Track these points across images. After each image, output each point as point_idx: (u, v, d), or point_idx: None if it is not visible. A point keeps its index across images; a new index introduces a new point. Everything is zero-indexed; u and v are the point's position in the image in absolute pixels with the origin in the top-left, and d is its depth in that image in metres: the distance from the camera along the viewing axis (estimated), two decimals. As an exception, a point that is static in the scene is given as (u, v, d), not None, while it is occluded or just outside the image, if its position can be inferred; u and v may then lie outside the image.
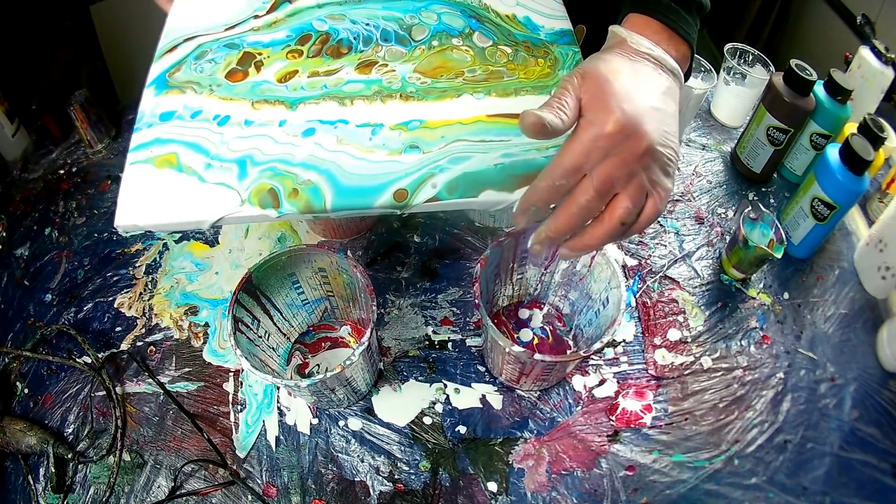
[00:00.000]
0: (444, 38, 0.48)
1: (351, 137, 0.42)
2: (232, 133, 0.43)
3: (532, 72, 0.46)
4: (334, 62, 0.47)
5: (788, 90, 0.62)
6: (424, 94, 0.45)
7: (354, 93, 0.45)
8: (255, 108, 0.44)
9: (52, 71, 0.82)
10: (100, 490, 0.50)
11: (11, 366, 0.59)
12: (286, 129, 0.43)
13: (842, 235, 0.66)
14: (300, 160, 0.41)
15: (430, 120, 0.43)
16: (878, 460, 0.51)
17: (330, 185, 0.40)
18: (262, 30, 0.49)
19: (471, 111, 0.44)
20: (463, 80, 0.46)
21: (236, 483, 0.50)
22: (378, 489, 0.50)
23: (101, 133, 0.77)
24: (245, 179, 0.41)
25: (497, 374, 0.55)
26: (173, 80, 0.46)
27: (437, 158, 0.41)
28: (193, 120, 0.44)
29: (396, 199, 0.40)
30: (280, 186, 0.40)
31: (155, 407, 0.55)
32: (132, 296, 0.62)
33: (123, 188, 0.41)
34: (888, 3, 0.99)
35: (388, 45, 0.48)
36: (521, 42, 0.48)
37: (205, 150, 0.42)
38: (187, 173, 0.41)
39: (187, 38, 0.49)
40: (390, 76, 0.46)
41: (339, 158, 0.41)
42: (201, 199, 0.40)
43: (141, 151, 0.42)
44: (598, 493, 0.49)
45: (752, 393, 0.54)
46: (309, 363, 0.57)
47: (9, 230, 0.70)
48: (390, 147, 0.42)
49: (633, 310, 0.60)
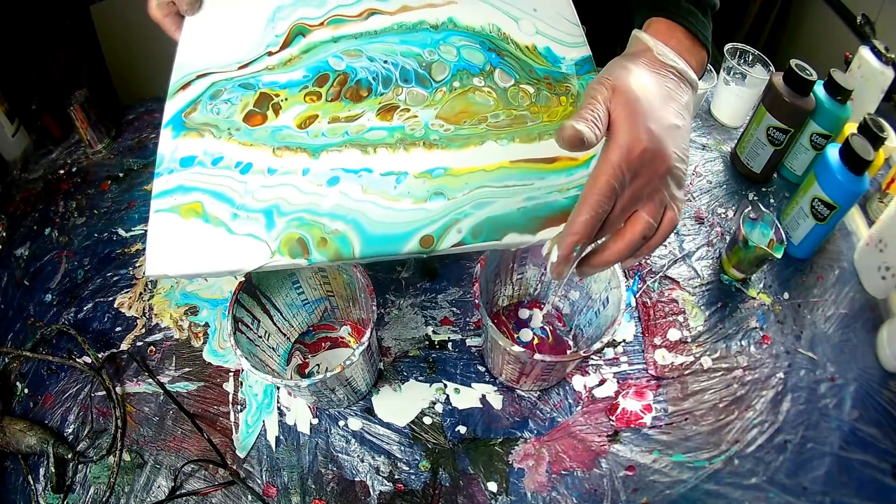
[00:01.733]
0: (466, 77, 0.47)
1: (375, 186, 0.42)
2: (256, 182, 0.42)
3: (555, 113, 0.45)
4: (355, 107, 0.45)
5: (788, 90, 0.62)
6: (448, 141, 0.44)
7: (377, 140, 0.44)
8: (276, 154, 0.43)
9: (52, 71, 0.82)
10: (100, 490, 0.50)
11: (11, 366, 0.59)
12: (310, 178, 0.42)
13: (842, 235, 0.66)
14: (326, 210, 0.41)
15: (455, 168, 0.43)
16: (878, 460, 0.51)
17: (357, 233, 0.40)
18: (277, 69, 0.47)
19: (494, 158, 0.43)
20: (486, 126, 0.45)
21: (236, 483, 0.50)
22: (378, 489, 0.50)
23: (101, 133, 0.77)
24: (273, 230, 0.41)
25: (497, 374, 0.55)
26: (190, 122, 0.45)
27: (461, 205, 0.41)
28: (215, 167, 0.43)
29: (422, 245, 0.40)
30: (308, 236, 0.40)
31: (155, 407, 0.55)
32: (132, 296, 0.62)
33: (151, 237, 0.41)
34: (888, 3, 0.99)
35: (408, 86, 0.47)
36: (542, 79, 0.47)
37: (229, 199, 0.42)
38: (214, 224, 0.41)
39: (200, 75, 0.47)
40: (413, 123, 0.45)
41: (365, 208, 0.41)
42: (231, 249, 0.40)
43: (165, 199, 0.42)
44: (598, 493, 0.49)
45: (752, 393, 0.54)
46: (309, 363, 0.57)
47: (9, 230, 0.70)
48: (415, 195, 0.42)
49: (633, 310, 0.60)
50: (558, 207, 0.41)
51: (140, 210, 0.70)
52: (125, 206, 0.71)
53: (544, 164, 0.43)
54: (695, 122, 0.79)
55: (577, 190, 0.41)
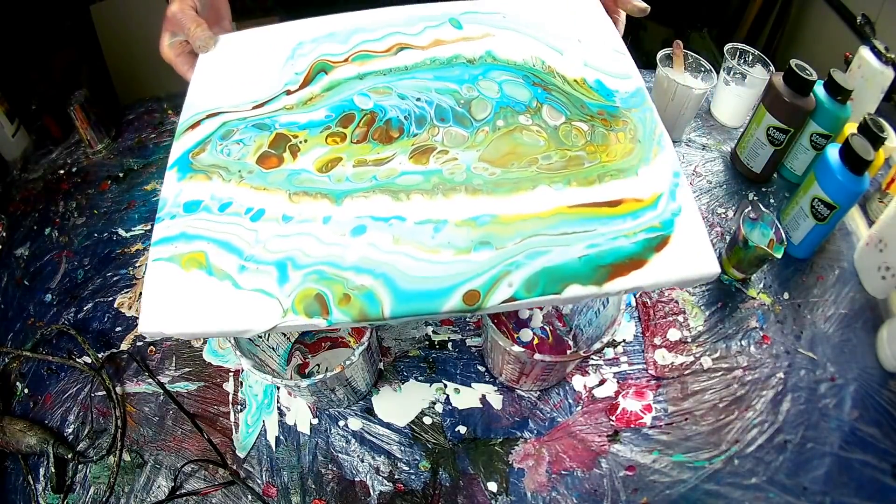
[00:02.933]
0: (510, 115, 0.42)
1: (410, 236, 0.37)
2: (268, 230, 0.38)
3: (614, 151, 0.41)
4: (384, 149, 0.41)
5: (788, 90, 0.62)
6: (494, 186, 0.39)
7: (411, 186, 0.39)
8: (293, 200, 0.39)
9: (52, 71, 0.82)
10: (100, 490, 0.50)
11: (11, 366, 0.59)
12: (332, 228, 0.37)
13: (842, 235, 0.66)
14: (351, 263, 0.36)
15: (503, 215, 0.37)
16: (878, 460, 0.51)
17: (388, 289, 0.35)
18: (297, 108, 0.43)
19: (549, 204, 0.38)
20: (537, 168, 0.40)
21: (236, 483, 0.50)
22: (378, 489, 0.50)
23: (101, 133, 0.77)
24: (286, 284, 0.36)
25: (497, 374, 0.55)
26: (197, 163, 0.41)
27: (512, 255, 0.36)
28: (223, 213, 0.39)
29: (466, 301, 0.35)
30: (328, 292, 0.35)
31: (155, 407, 0.55)
32: (132, 296, 0.62)
33: (147, 290, 0.36)
34: (888, 3, 0.99)
35: (445, 125, 0.42)
36: (596, 115, 0.42)
37: (237, 249, 0.37)
38: (218, 277, 0.36)
39: (210, 115, 0.44)
40: (452, 166, 0.40)
41: (397, 260, 0.36)
42: (237, 307, 0.35)
43: (164, 247, 0.38)
44: (598, 493, 0.49)
45: (752, 393, 0.54)
46: (309, 363, 0.57)
47: (9, 230, 0.70)
48: (457, 246, 0.36)
49: (633, 310, 0.60)
50: (626, 254, 0.36)
51: (140, 210, 0.70)
52: (125, 206, 0.71)
53: (607, 208, 0.38)
54: (695, 122, 0.79)
55: (646, 233, 0.37)
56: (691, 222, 0.37)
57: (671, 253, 0.36)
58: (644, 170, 0.39)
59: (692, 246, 0.36)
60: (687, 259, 0.36)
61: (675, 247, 0.36)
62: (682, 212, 0.38)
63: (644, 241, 0.36)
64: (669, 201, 0.38)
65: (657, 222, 0.37)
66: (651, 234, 0.37)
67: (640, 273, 0.35)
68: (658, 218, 0.37)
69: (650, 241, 0.36)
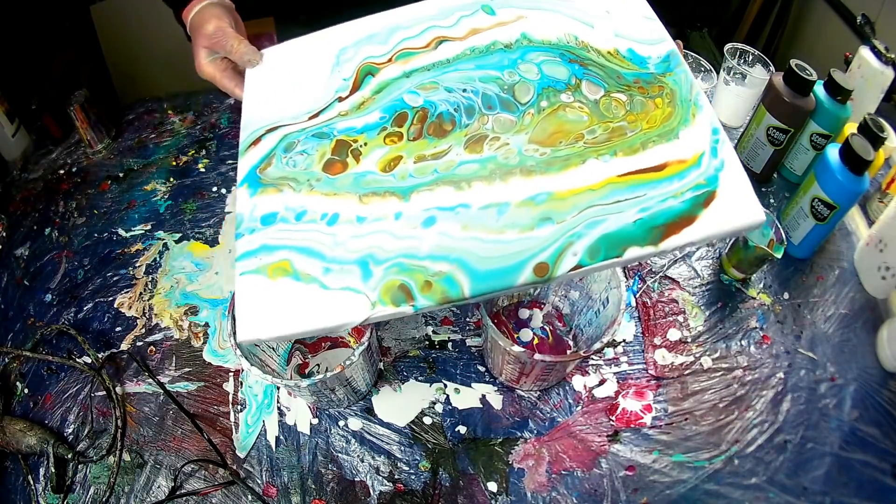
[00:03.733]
0: (553, 95, 0.44)
1: (476, 222, 0.39)
2: (345, 232, 0.40)
3: (654, 118, 0.43)
4: (440, 142, 0.43)
5: (788, 90, 0.62)
6: (546, 166, 0.41)
7: (470, 175, 0.41)
8: (363, 202, 0.41)
9: (52, 71, 0.82)
10: (100, 490, 0.50)
11: (11, 366, 0.59)
12: (404, 222, 0.40)
13: (842, 235, 0.66)
14: (427, 253, 0.39)
15: (558, 191, 0.40)
16: (878, 460, 0.51)
17: (464, 272, 0.38)
18: (351, 114, 0.45)
19: (599, 175, 0.40)
20: (584, 143, 0.42)
21: (236, 483, 0.50)
22: (378, 489, 0.50)
23: (101, 133, 0.77)
24: (370, 279, 0.38)
25: (497, 374, 0.55)
26: (266, 177, 0.43)
27: (572, 227, 0.39)
28: (299, 222, 0.41)
29: (537, 274, 0.37)
30: (411, 281, 0.38)
31: (155, 407, 0.55)
32: (132, 296, 0.62)
33: (239, 302, 0.39)
34: (888, 3, 0.99)
35: (493, 113, 0.44)
36: (633, 84, 0.44)
37: (319, 254, 0.39)
38: (305, 281, 0.39)
39: (270, 129, 0.45)
40: (505, 151, 0.42)
41: (469, 245, 0.39)
42: (328, 305, 0.38)
43: (249, 260, 0.40)
44: (598, 493, 0.49)
45: (752, 393, 0.54)
46: (309, 363, 0.57)
47: (9, 230, 0.70)
48: (521, 224, 0.39)
49: (633, 310, 0.60)
50: (677, 213, 0.38)
51: (140, 210, 0.70)
52: (125, 206, 0.71)
53: (653, 173, 0.40)
54: (695, 122, 0.79)
55: (693, 191, 0.39)
56: (734, 175, 0.39)
57: (718, 207, 0.38)
58: (684, 131, 0.42)
59: (737, 198, 0.39)
60: (733, 211, 0.38)
61: (721, 200, 0.38)
62: (724, 166, 0.40)
63: (692, 199, 0.39)
64: (711, 158, 0.40)
65: (702, 179, 0.39)
66: (697, 191, 0.39)
67: (692, 229, 0.38)
68: (702, 175, 0.39)
69: (697, 199, 0.39)
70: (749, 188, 0.39)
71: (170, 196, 0.71)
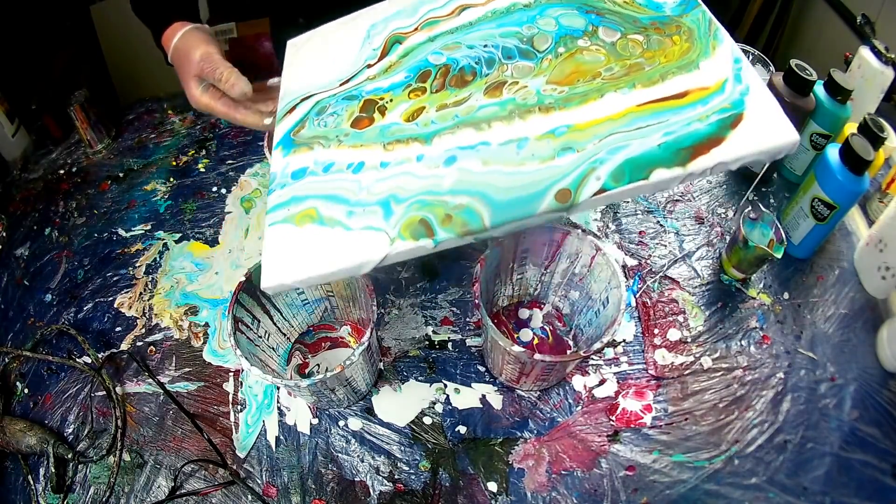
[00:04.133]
0: (570, 41, 0.45)
1: (496, 156, 0.40)
2: (369, 178, 0.41)
3: (672, 52, 0.43)
4: (461, 91, 0.44)
5: (788, 90, 0.62)
6: (565, 102, 0.41)
7: (490, 116, 0.42)
8: (387, 149, 0.42)
9: (52, 71, 0.82)
10: (100, 490, 0.50)
11: (11, 366, 0.59)
12: (426, 163, 0.41)
13: (842, 235, 0.66)
14: (448, 188, 0.39)
15: (578, 123, 0.40)
16: (878, 460, 0.51)
17: (484, 203, 0.38)
18: (379, 77, 0.47)
19: (619, 106, 0.40)
20: (602, 80, 0.42)
21: (236, 483, 0.50)
22: (378, 489, 0.50)
23: (101, 133, 0.77)
24: (392, 217, 0.39)
25: (497, 374, 0.55)
26: (299, 139, 0.45)
27: (594, 153, 0.38)
28: (327, 173, 0.42)
29: (559, 200, 0.37)
30: (431, 216, 0.38)
31: (155, 407, 0.55)
32: (132, 296, 0.62)
33: (266, 250, 0.40)
34: (888, 3, 0.99)
35: (512, 62, 0.45)
36: (649, 26, 0.45)
37: (344, 199, 0.41)
38: (330, 225, 0.40)
39: (304, 98, 0.48)
40: (523, 93, 0.43)
41: (489, 178, 0.39)
42: (349, 245, 0.39)
43: (278, 212, 0.42)
44: (598, 493, 0.49)
45: (752, 393, 0.54)
46: (309, 363, 0.57)
47: (9, 230, 0.70)
48: (541, 156, 0.39)
49: (633, 310, 0.60)
50: (703, 135, 0.38)
51: (140, 210, 0.70)
52: (125, 206, 0.71)
53: (675, 100, 0.40)
54: (695, 121, 0.79)
55: (718, 114, 0.38)
56: (762, 99, 0.39)
57: (747, 128, 0.38)
58: (705, 62, 0.42)
59: (767, 119, 0.38)
60: (764, 131, 0.38)
61: (749, 122, 0.38)
62: (750, 91, 0.39)
63: (718, 121, 0.38)
64: (736, 84, 0.40)
65: (727, 104, 0.39)
66: (723, 114, 0.38)
67: (721, 150, 0.37)
68: (727, 100, 0.39)
69: (724, 121, 0.38)
70: (779, 110, 0.38)
71: (170, 196, 0.71)
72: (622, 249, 0.64)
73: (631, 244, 0.65)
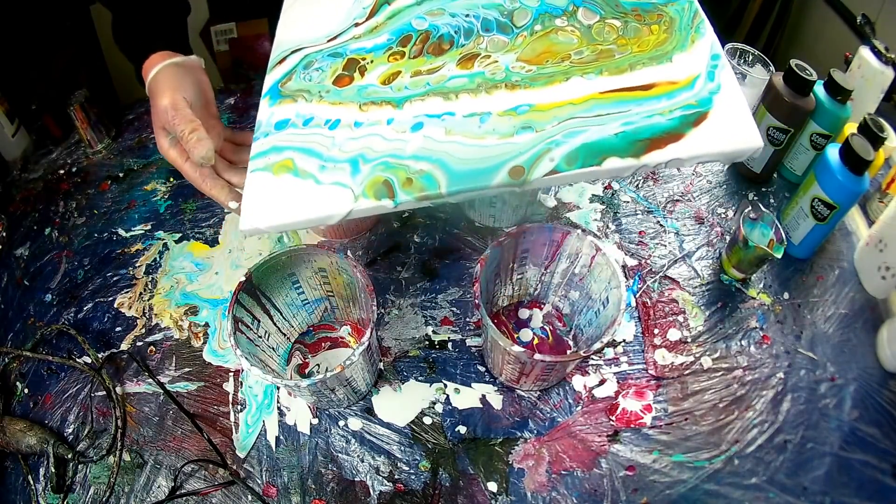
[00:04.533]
0: (548, 20, 0.47)
1: (459, 127, 0.42)
2: (343, 135, 0.44)
3: (646, 43, 0.44)
4: (436, 60, 0.46)
5: (788, 90, 0.62)
6: (531, 81, 0.43)
7: (458, 87, 0.44)
8: (362, 109, 0.45)
9: (52, 71, 0.82)
10: (100, 490, 0.50)
11: (11, 366, 0.59)
12: (394, 127, 0.43)
13: (842, 235, 0.66)
14: (411, 153, 0.42)
15: (540, 103, 0.42)
16: (878, 460, 0.51)
17: (443, 171, 0.40)
18: (364, 37, 0.49)
19: (582, 91, 0.42)
20: (570, 63, 0.44)
21: (236, 483, 0.50)
22: (378, 489, 0.50)
23: (101, 133, 0.77)
24: (358, 176, 0.42)
25: (497, 374, 0.55)
26: (285, 90, 0.48)
27: (551, 135, 0.40)
28: (306, 127, 0.45)
29: (512, 176, 0.39)
30: (394, 178, 0.41)
31: (155, 407, 0.55)
32: (132, 296, 0.62)
33: (246, 195, 0.43)
34: (888, 3, 0.99)
35: (489, 35, 0.47)
36: (630, 12, 0.46)
37: (318, 153, 0.43)
38: (303, 177, 0.42)
39: (294, 51, 0.50)
40: (493, 68, 0.45)
41: (450, 148, 0.42)
42: (318, 198, 0.41)
43: (260, 160, 0.44)
44: (598, 493, 0.49)
45: (752, 393, 0.54)
46: (309, 363, 0.57)
47: (9, 230, 0.70)
48: (501, 132, 0.41)
49: (633, 310, 0.60)
50: (662, 129, 0.39)
51: (140, 210, 0.70)
52: (125, 206, 0.71)
53: (640, 92, 0.41)
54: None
55: (682, 110, 0.39)
56: (732, 100, 0.39)
57: (710, 127, 0.38)
58: (679, 56, 0.42)
59: (733, 121, 0.38)
60: (727, 133, 0.38)
61: (713, 122, 0.39)
62: (721, 90, 0.40)
63: (680, 117, 0.39)
64: (707, 82, 0.40)
65: (693, 101, 0.40)
66: (687, 111, 0.39)
67: (678, 146, 0.38)
68: (694, 97, 0.40)
69: (686, 118, 0.39)
70: (747, 114, 0.39)
71: (170, 196, 0.71)
72: (622, 249, 0.64)
73: (631, 244, 0.65)
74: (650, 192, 0.70)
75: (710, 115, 0.39)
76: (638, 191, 0.70)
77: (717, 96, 0.39)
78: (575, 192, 0.69)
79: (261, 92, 0.49)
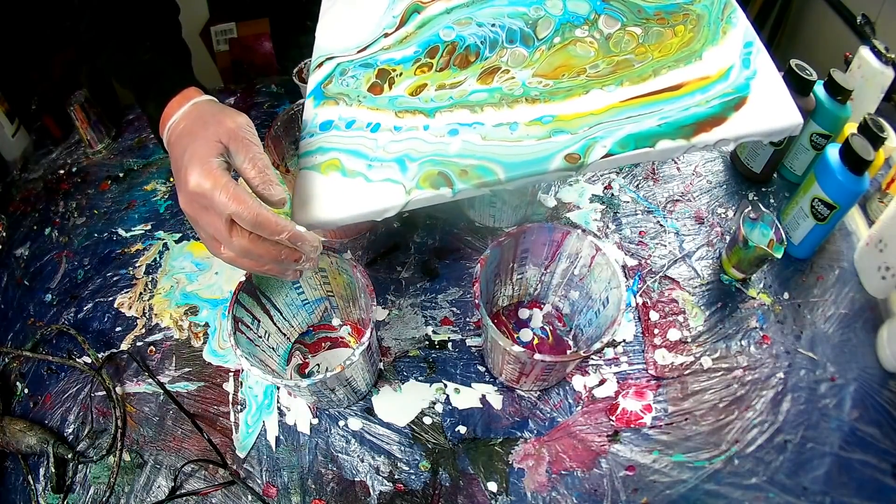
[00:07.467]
0: (568, 30, 0.48)
1: (493, 134, 0.44)
2: (385, 138, 0.46)
3: (668, 46, 0.45)
4: (461, 73, 0.48)
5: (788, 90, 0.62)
6: (549, 95, 0.45)
7: (481, 101, 0.46)
8: (399, 116, 0.47)
9: (52, 71, 0.82)
10: (100, 490, 0.50)
11: (11, 366, 0.59)
12: (432, 132, 0.45)
13: (842, 235, 0.66)
14: (455, 153, 0.44)
15: (562, 114, 0.44)
16: (878, 460, 0.51)
17: (496, 162, 0.42)
18: (393, 48, 0.51)
19: (603, 102, 0.43)
20: (587, 76, 0.45)
21: (236, 483, 0.50)
22: (378, 489, 0.50)
23: (101, 133, 0.77)
24: (407, 172, 0.44)
25: (497, 374, 0.55)
26: (328, 91, 0.50)
27: (591, 133, 0.42)
28: (349, 129, 0.47)
29: (569, 161, 0.41)
30: (448, 170, 0.43)
31: (155, 407, 0.55)
32: (132, 296, 0.62)
33: (297, 191, 0.45)
34: (888, 3, 0.99)
35: (512, 46, 0.48)
36: (653, 16, 0.46)
37: (363, 154, 0.46)
38: (352, 176, 0.45)
39: (328, 58, 0.53)
40: (510, 84, 0.47)
41: (493, 149, 0.43)
42: (371, 194, 0.44)
43: (308, 158, 0.47)
44: (598, 493, 0.49)
45: (752, 393, 0.54)
46: (309, 363, 0.57)
47: (9, 230, 0.70)
48: (536, 136, 0.43)
49: (633, 310, 0.60)
50: (704, 115, 0.40)
51: (140, 210, 0.70)
52: (125, 206, 0.71)
53: (669, 93, 0.42)
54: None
55: (720, 98, 0.40)
56: (770, 83, 0.40)
57: (751, 109, 0.40)
58: (710, 51, 0.43)
59: (772, 102, 0.40)
60: (768, 113, 0.40)
61: (754, 104, 0.40)
62: (758, 74, 0.41)
63: (720, 104, 0.40)
64: (742, 69, 0.41)
65: (730, 89, 0.41)
66: (725, 98, 0.40)
67: (722, 128, 0.39)
68: (731, 85, 0.41)
69: (727, 103, 0.40)
70: (786, 93, 0.40)
71: (170, 196, 0.71)
72: (622, 249, 0.64)
73: (631, 244, 0.65)
74: (650, 192, 0.70)
75: (750, 98, 0.40)
76: (638, 191, 0.70)
77: (753, 81, 0.40)
78: (575, 192, 0.69)
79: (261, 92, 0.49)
